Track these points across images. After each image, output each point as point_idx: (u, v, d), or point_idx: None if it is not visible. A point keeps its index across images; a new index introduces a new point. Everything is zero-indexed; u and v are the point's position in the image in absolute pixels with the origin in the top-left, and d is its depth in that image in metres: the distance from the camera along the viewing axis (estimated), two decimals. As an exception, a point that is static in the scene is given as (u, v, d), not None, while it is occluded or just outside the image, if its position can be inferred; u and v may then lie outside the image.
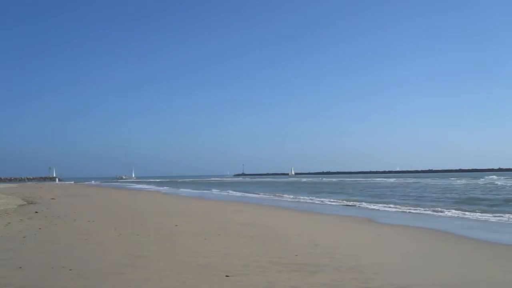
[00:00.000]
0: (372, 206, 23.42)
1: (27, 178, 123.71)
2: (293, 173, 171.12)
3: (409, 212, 20.11)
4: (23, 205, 22.31)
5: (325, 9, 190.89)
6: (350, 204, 25.49)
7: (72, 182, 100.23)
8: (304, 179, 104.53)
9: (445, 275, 7.24)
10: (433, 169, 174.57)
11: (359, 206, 23.81)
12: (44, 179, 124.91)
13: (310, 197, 32.57)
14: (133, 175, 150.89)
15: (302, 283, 6.38)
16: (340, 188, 50.51)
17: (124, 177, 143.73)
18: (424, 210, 20.41)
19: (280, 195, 36.04)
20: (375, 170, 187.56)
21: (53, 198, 28.61)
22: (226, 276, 6.73)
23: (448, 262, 8.59)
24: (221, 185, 69.40)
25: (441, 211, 19.79)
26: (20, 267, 7.11)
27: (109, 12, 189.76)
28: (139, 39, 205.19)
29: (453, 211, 19.77)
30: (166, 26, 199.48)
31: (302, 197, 32.74)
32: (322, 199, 29.99)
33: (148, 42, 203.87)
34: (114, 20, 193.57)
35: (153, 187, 63.45)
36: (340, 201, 27.99)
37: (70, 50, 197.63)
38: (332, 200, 29.22)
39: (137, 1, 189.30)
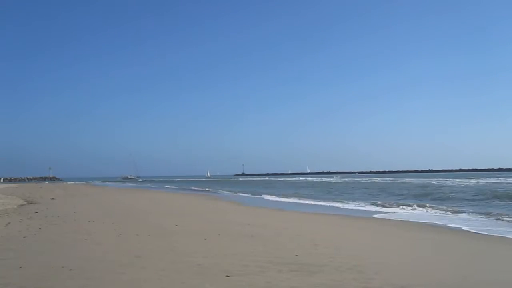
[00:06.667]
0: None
1: (27, 178, 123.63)
2: (209, 175, 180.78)
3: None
4: (23, 205, 22.29)
5: (328, 10, 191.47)
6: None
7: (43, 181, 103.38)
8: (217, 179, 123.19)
9: (445, 275, 7.24)
10: (433, 169, 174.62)
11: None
12: (44, 179, 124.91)
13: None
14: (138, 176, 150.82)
15: (302, 283, 6.38)
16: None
17: (129, 177, 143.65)
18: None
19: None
20: (375, 170, 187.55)
21: (53, 198, 28.59)
22: (226, 276, 6.72)
23: (449, 262, 8.59)
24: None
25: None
26: (20, 267, 7.10)
27: (112, 12, 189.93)
28: (142, 40, 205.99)
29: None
30: (169, 27, 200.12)
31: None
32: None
33: (151, 42, 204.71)
34: (116, 20, 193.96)
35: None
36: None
37: (70, 50, 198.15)
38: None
39: (140, 2, 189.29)
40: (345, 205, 25.14)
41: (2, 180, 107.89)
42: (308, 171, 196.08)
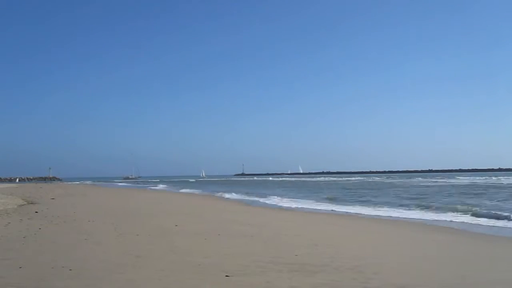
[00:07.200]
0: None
1: (27, 178, 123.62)
2: (204, 175, 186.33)
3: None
4: (23, 205, 22.29)
5: (328, 10, 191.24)
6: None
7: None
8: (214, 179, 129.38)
9: (445, 275, 7.24)
10: (433, 169, 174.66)
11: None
12: (44, 179, 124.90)
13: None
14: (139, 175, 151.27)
15: (302, 283, 6.38)
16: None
17: (130, 177, 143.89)
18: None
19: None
20: (375, 170, 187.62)
21: (53, 198, 28.60)
22: (226, 276, 6.73)
23: (448, 262, 8.59)
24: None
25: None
26: (20, 267, 7.11)
27: (111, 12, 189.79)
28: (142, 40, 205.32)
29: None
30: (169, 27, 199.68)
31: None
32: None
33: (151, 42, 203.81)
34: (116, 21, 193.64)
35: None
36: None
37: (70, 50, 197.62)
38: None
39: (140, 2, 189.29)
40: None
41: (18, 180, 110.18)
42: (301, 171, 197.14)
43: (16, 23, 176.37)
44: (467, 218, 16.78)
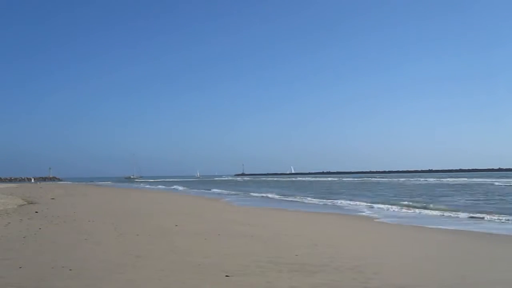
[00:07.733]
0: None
1: (27, 178, 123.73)
2: (198, 175, 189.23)
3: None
4: (23, 205, 22.29)
5: (328, 11, 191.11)
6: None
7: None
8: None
9: (445, 275, 7.24)
10: (433, 169, 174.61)
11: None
12: (44, 179, 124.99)
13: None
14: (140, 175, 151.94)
15: (302, 283, 6.39)
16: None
17: (131, 177, 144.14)
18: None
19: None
20: (375, 170, 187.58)
21: (53, 198, 28.60)
22: (226, 276, 6.73)
23: (448, 262, 8.59)
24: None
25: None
26: (20, 267, 7.11)
27: (112, 12, 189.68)
28: (142, 40, 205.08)
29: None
30: (169, 27, 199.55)
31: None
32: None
33: (151, 42, 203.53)
34: (116, 21, 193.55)
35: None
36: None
37: (70, 50, 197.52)
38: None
39: (139, 2, 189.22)
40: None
41: (33, 180, 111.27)
42: (293, 171, 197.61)
43: (16, 23, 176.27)
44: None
